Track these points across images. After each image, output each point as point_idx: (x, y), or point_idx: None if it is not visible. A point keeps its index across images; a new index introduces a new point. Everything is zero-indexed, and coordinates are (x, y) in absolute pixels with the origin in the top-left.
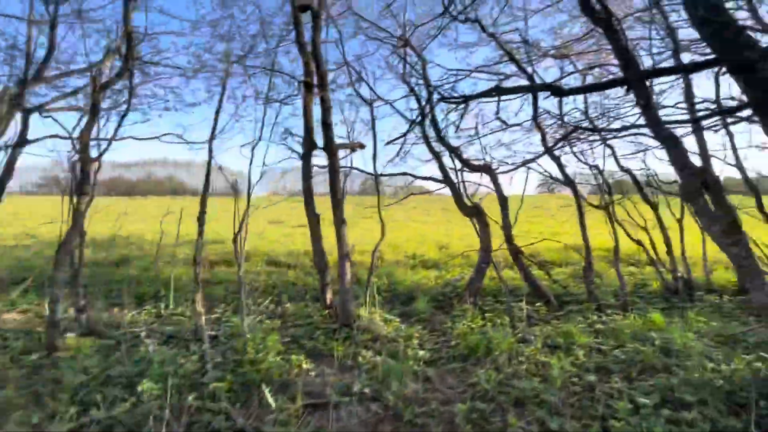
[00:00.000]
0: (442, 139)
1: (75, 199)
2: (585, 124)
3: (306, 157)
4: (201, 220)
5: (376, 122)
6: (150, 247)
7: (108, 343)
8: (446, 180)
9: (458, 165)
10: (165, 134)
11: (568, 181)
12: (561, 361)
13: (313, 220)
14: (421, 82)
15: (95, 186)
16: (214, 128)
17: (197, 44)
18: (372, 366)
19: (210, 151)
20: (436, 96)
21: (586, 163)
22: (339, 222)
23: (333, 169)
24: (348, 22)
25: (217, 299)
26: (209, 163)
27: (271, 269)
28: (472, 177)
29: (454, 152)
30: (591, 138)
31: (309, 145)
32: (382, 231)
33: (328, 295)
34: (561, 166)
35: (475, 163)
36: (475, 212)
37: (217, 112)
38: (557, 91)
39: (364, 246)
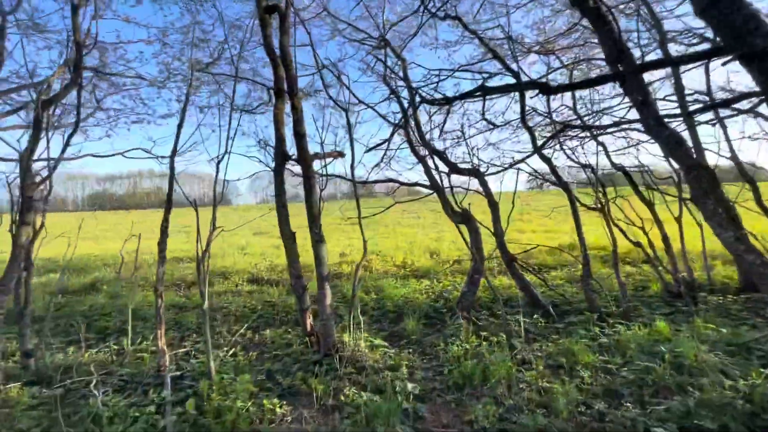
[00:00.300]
0: (426, 143)
1: (15, 231)
2: (575, 121)
3: (278, 171)
4: (162, 244)
5: (360, 126)
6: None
7: (55, 393)
8: (433, 185)
9: (445, 168)
10: (130, 150)
11: (561, 183)
12: (565, 386)
13: (288, 239)
14: (402, 83)
15: (44, 209)
16: (176, 143)
17: (167, 53)
18: (356, 406)
19: (171, 168)
20: (418, 98)
21: (578, 163)
22: (316, 240)
23: (308, 181)
24: (324, 24)
25: (191, 328)
26: (171, 179)
27: (252, 288)
28: (460, 180)
29: (440, 156)
30: (581, 135)
31: (281, 156)
32: (364, 246)
33: (308, 321)
34: (553, 168)
35: (463, 166)
36: (464, 219)
37: (180, 125)
38: (545, 88)
39: (355, 255)
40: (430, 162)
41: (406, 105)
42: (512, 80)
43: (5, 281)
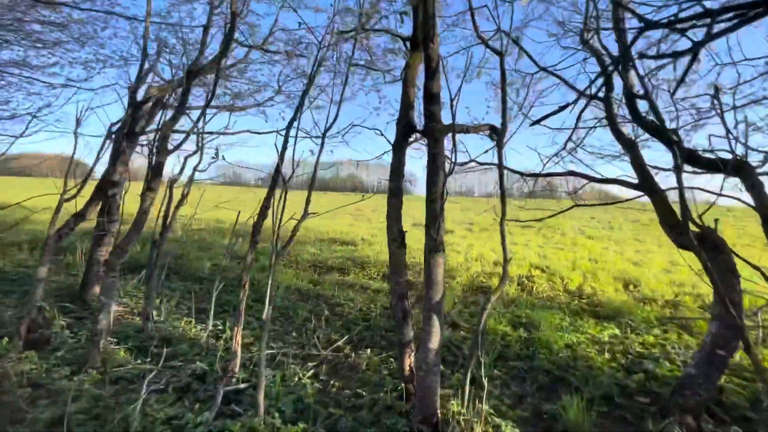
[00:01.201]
0: (642, 119)
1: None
2: None
3: (397, 146)
4: (256, 229)
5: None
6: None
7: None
8: (646, 185)
9: (674, 160)
10: (283, 129)
11: None
12: None
13: (394, 241)
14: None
15: (192, 180)
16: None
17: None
18: None
19: (286, 139)
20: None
21: None
22: (430, 248)
23: (433, 161)
24: None
25: (298, 324)
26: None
27: (383, 285)
28: (700, 181)
29: (671, 140)
30: None
31: (404, 127)
32: (504, 267)
33: (408, 360)
34: None
35: (711, 157)
36: (702, 243)
37: (305, 94)
38: None
39: (512, 267)
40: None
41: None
42: None
43: (124, 243)
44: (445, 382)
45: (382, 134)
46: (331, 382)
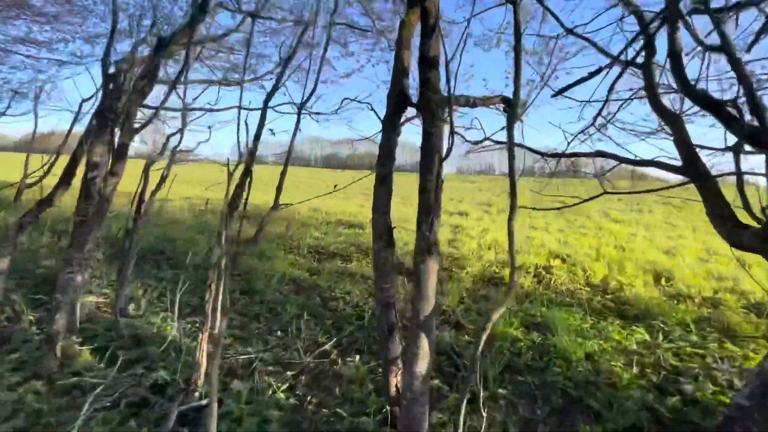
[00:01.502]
0: (690, 87)
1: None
2: None
3: (387, 122)
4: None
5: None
6: (293, 225)
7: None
8: (692, 168)
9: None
10: (280, 104)
11: None
12: None
13: (381, 238)
14: None
15: (173, 161)
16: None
17: None
18: None
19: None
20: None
21: None
22: (422, 249)
23: (427, 140)
24: None
25: (287, 320)
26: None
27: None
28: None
29: (729, 114)
30: None
31: (396, 97)
32: (512, 264)
33: (395, 381)
34: None
35: None
36: (763, 243)
37: (287, 61)
38: None
39: (528, 256)
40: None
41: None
42: None
43: (81, 236)
44: (440, 403)
45: (372, 109)
46: (309, 397)
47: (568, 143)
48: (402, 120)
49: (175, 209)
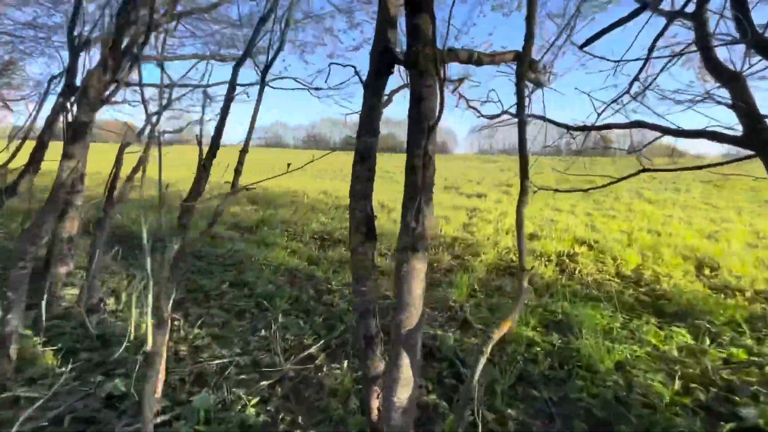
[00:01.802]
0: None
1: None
2: None
3: (371, 88)
4: (185, 209)
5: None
6: (301, 208)
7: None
8: (756, 137)
9: None
10: (276, 78)
11: None
12: None
13: (359, 232)
14: None
15: (150, 143)
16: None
17: None
18: None
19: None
20: None
21: None
22: (406, 245)
23: (417, 103)
24: None
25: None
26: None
27: (378, 261)
28: None
29: None
30: None
31: (381, 57)
32: (521, 259)
33: (374, 402)
34: None
35: None
36: None
37: (259, 25)
38: None
39: (547, 242)
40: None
41: None
42: None
43: (38, 225)
44: (437, 424)
45: (356, 73)
46: (282, 414)
47: (598, 114)
48: (396, 88)
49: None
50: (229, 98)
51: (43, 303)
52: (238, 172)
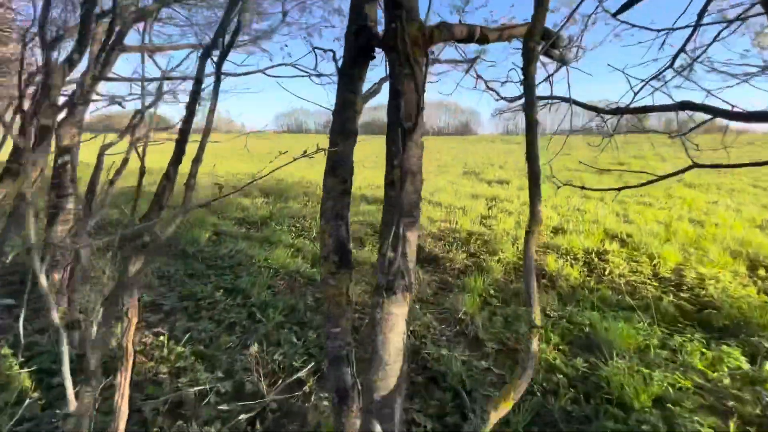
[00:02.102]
0: None
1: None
2: None
3: (346, 76)
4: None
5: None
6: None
7: None
8: None
9: None
10: (273, 65)
11: None
12: None
13: (328, 261)
14: None
15: (138, 141)
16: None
17: None
18: None
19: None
20: None
21: None
22: (383, 285)
23: (395, 99)
24: None
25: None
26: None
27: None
28: None
29: None
30: None
31: (357, 37)
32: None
33: None
34: None
35: None
36: None
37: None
38: None
39: (574, 235)
40: None
41: None
42: None
43: None
44: None
45: (334, 59)
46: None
47: (635, 93)
48: (381, 78)
49: (199, 187)
50: (195, 93)
51: (21, 318)
52: (189, 186)
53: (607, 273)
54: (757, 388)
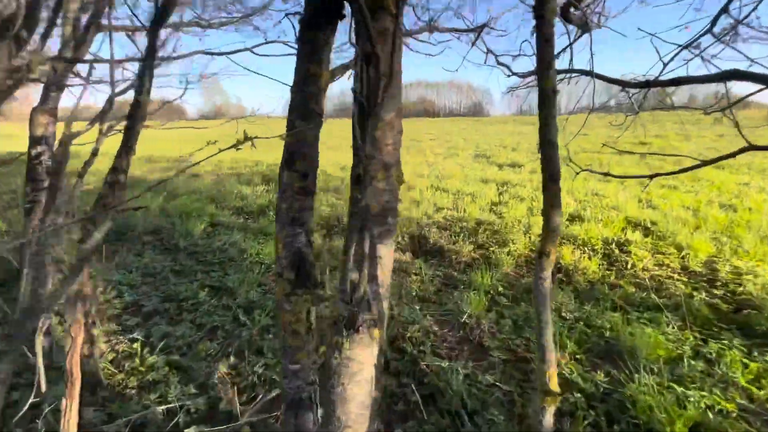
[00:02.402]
0: None
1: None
2: None
3: (306, 45)
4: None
5: None
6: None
7: None
8: None
9: None
10: (261, 44)
11: None
12: None
13: (282, 278)
14: None
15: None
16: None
17: None
18: None
19: None
20: None
21: None
22: (345, 321)
23: (364, 68)
24: None
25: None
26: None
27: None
28: None
29: None
30: None
31: None
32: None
33: None
34: None
35: None
36: None
37: None
38: None
39: (593, 223)
40: None
41: None
42: None
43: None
44: None
45: (293, 25)
46: None
47: (665, 64)
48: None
49: (198, 175)
50: (142, 72)
51: None
52: (117, 183)
53: (629, 266)
54: None
